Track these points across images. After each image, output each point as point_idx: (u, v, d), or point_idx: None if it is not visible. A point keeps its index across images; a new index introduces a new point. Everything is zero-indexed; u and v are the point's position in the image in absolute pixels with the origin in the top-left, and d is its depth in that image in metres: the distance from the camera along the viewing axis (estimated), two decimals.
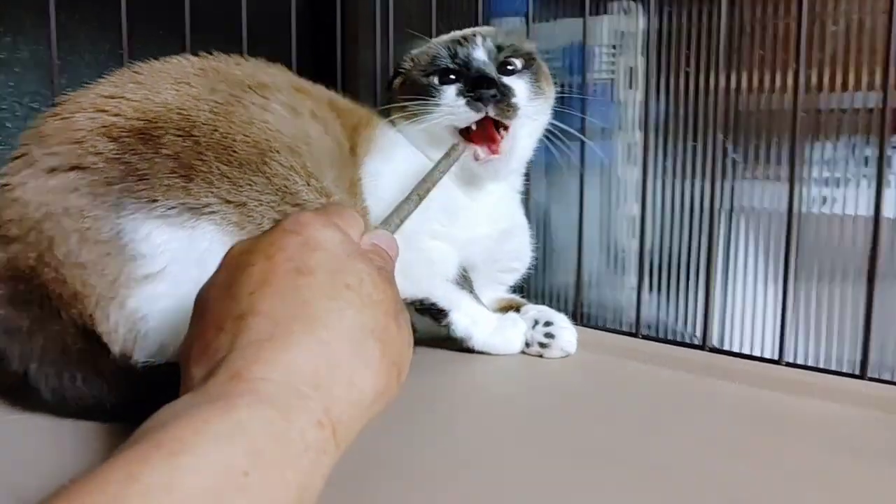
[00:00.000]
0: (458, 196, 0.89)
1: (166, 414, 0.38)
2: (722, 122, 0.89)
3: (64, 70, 0.78)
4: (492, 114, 0.83)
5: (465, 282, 0.90)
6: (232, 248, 0.51)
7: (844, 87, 0.83)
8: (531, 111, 0.88)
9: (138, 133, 0.70)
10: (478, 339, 0.87)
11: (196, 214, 0.69)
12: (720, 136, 0.89)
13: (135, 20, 0.98)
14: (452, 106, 0.84)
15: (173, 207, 0.68)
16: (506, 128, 0.86)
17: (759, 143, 0.90)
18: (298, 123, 0.78)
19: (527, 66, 0.90)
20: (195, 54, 0.82)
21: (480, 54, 0.88)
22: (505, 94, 0.84)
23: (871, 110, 0.81)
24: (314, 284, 0.46)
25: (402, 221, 0.65)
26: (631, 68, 1.00)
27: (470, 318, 0.87)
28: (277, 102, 0.78)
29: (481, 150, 0.86)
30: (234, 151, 0.72)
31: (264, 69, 0.84)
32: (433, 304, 0.87)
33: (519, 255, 1.00)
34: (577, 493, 0.56)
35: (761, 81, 0.89)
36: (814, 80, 0.84)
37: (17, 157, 0.71)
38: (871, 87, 0.81)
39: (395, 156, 0.88)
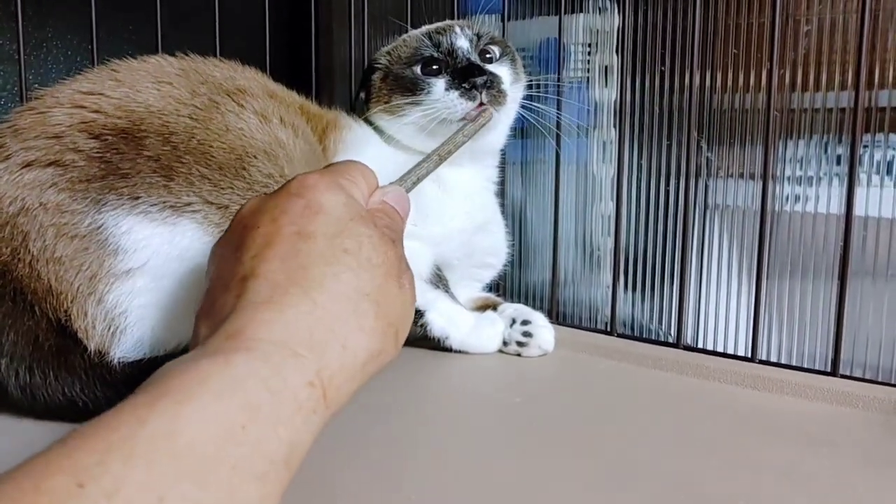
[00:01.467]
0: (429, 190, 0.89)
1: (169, 366, 0.40)
2: (696, 120, 0.90)
3: (31, 65, 0.77)
4: (485, 100, 0.84)
5: (439, 281, 0.90)
6: (243, 206, 0.53)
7: (817, 86, 0.84)
8: (514, 96, 0.90)
9: (121, 132, 0.69)
10: (455, 338, 0.87)
11: (178, 212, 0.68)
12: (694, 135, 0.90)
13: (104, 15, 0.96)
14: (445, 100, 0.85)
15: (155, 204, 0.68)
16: None
17: (732, 141, 0.90)
18: (269, 129, 0.78)
19: (504, 54, 0.92)
20: (172, 54, 0.81)
21: (463, 42, 0.89)
22: (494, 80, 0.85)
23: (843, 109, 0.82)
24: (313, 249, 0.47)
25: (418, 180, 0.66)
26: (606, 66, 1.00)
27: (446, 318, 0.87)
28: (251, 110, 0.78)
29: (475, 111, 0.86)
30: (213, 156, 0.72)
31: (241, 72, 0.84)
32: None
33: (495, 250, 1.00)
34: (553, 490, 0.56)
35: (735, 80, 0.89)
36: (787, 79, 0.85)
37: None
38: (843, 86, 0.82)
39: (365, 154, 0.87)
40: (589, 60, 1.02)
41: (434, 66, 0.88)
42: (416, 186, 0.65)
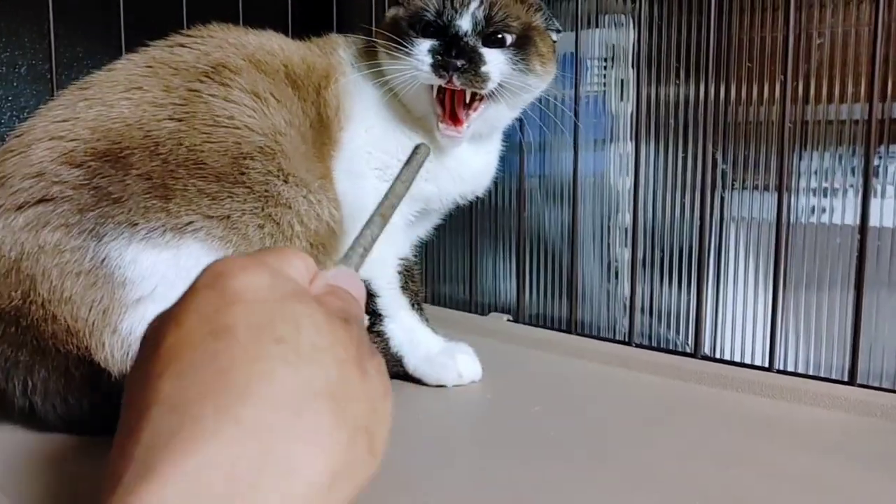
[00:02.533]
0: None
1: None
2: (712, 133, 0.91)
3: (63, 84, 0.79)
4: (457, 83, 0.77)
5: (409, 279, 0.86)
6: (151, 321, 0.42)
7: (831, 98, 0.85)
8: (507, 86, 0.80)
9: (103, 156, 0.68)
10: (410, 361, 0.83)
11: (179, 234, 0.67)
12: (710, 148, 0.90)
13: (134, 34, 0.99)
14: (420, 60, 0.78)
15: (155, 229, 0.66)
16: (480, 98, 0.81)
17: (748, 153, 0.91)
18: (265, 113, 0.75)
19: (520, 41, 0.82)
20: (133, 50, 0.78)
21: (465, 23, 0.80)
22: (475, 62, 0.78)
23: (857, 121, 0.83)
24: (232, 347, 0.36)
25: (366, 252, 0.55)
26: (622, 80, 1.02)
27: (407, 334, 0.84)
28: (238, 88, 0.74)
29: (443, 124, 0.81)
30: (206, 164, 0.70)
31: (212, 41, 0.79)
32: (370, 294, 0.82)
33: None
34: (572, 498, 0.57)
35: (750, 93, 0.90)
36: (801, 91, 0.86)
37: None
38: (857, 98, 0.83)
39: (368, 112, 0.84)
40: (605, 74, 1.03)
41: (431, 29, 0.81)
42: (364, 261, 0.53)
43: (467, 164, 0.88)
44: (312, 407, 0.35)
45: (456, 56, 0.77)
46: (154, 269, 0.66)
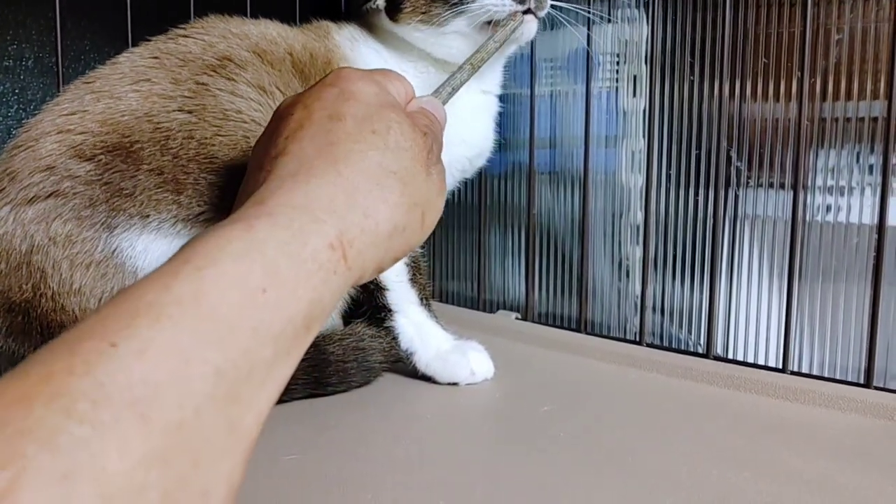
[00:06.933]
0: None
1: (197, 236, 0.42)
2: (726, 130, 0.89)
3: (69, 78, 0.79)
4: (532, 6, 0.78)
5: (416, 271, 0.84)
6: (281, 102, 0.55)
7: (849, 95, 0.83)
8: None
9: (114, 149, 0.67)
10: (421, 359, 0.82)
11: (191, 223, 0.68)
12: (724, 145, 0.89)
13: (140, 28, 0.98)
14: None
15: (166, 220, 0.67)
16: None
17: (763, 151, 0.90)
18: (271, 107, 0.73)
19: None
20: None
21: None
22: None
23: (875, 119, 0.81)
24: (342, 129, 0.50)
25: (453, 91, 0.65)
26: (635, 76, 1.00)
27: (416, 330, 0.82)
28: (244, 83, 0.74)
29: (526, 16, 0.79)
30: (217, 158, 0.69)
31: (215, 30, 0.78)
32: (380, 287, 0.81)
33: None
34: (580, 501, 0.56)
35: (765, 89, 0.89)
36: (818, 88, 0.84)
37: None
38: (875, 95, 0.81)
39: None
40: (618, 70, 1.02)
41: None
42: (451, 98, 0.65)
43: (470, 126, 0.87)
44: (388, 181, 0.49)
45: None
46: (165, 260, 0.66)
